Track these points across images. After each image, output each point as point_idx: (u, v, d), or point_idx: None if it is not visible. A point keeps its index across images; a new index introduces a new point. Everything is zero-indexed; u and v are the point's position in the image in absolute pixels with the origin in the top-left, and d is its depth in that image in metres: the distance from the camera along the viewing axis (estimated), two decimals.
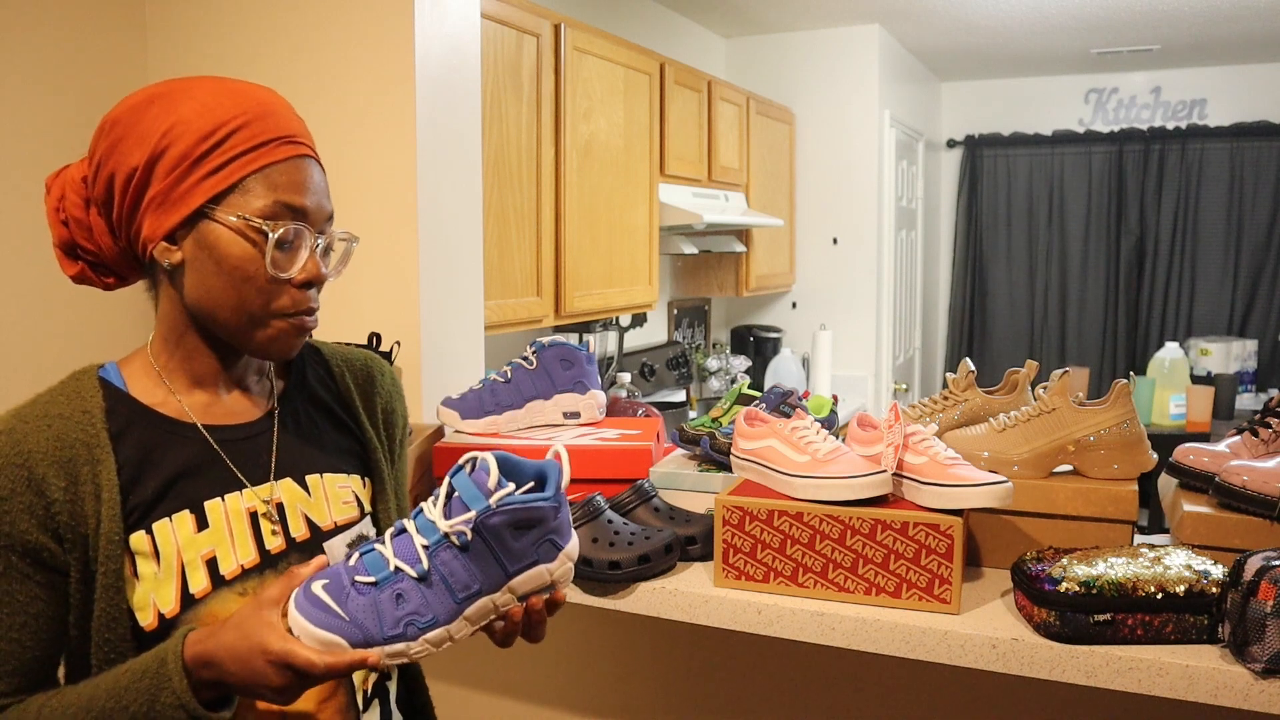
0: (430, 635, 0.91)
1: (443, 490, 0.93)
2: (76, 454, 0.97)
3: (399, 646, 0.90)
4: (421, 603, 0.91)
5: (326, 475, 1.10)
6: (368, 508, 1.14)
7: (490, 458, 0.93)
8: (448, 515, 0.92)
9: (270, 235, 0.97)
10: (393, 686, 1.15)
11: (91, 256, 1.05)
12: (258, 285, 0.99)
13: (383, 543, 0.94)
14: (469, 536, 0.91)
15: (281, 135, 1.00)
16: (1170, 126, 5.63)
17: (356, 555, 0.94)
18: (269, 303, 1.00)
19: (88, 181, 1.02)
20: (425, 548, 0.92)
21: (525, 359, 1.87)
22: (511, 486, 0.92)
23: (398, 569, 0.91)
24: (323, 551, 1.06)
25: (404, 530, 0.94)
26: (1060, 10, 4.28)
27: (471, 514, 0.90)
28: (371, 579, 0.91)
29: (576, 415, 1.86)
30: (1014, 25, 4.56)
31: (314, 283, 1.02)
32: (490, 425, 1.82)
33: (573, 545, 0.97)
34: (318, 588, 0.91)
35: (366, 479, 1.15)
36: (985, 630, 1.21)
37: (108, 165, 0.99)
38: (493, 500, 0.91)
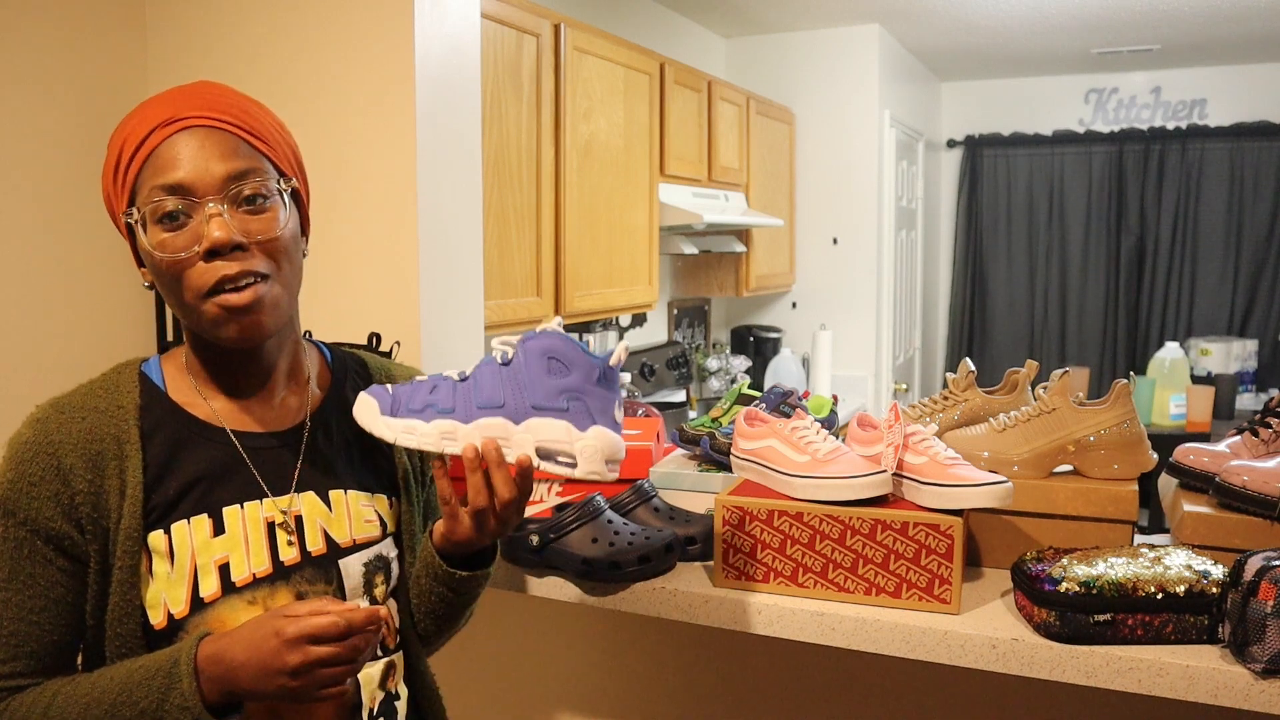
0: (442, 423, 0.99)
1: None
2: (106, 448, 0.98)
3: (412, 421, 1.00)
4: (448, 396, 1.01)
5: (351, 492, 1.09)
6: (391, 528, 1.13)
7: (558, 319, 1.06)
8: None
9: (137, 223, 0.97)
10: (401, 706, 1.13)
11: None
12: (173, 273, 0.97)
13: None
14: (510, 354, 1.01)
15: (159, 121, 0.98)
16: (1170, 126, 5.63)
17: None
18: (193, 286, 0.96)
19: None
20: (478, 365, 1.03)
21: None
22: (561, 330, 1.02)
23: (447, 375, 1.04)
24: (338, 567, 1.06)
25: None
26: (1060, 10, 4.28)
27: (519, 336, 1.03)
28: (424, 376, 1.05)
29: None
30: (1014, 25, 4.56)
31: (218, 249, 0.95)
32: None
33: (609, 438, 1.00)
34: (389, 385, 1.06)
35: (393, 498, 1.14)
36: (985, 630, 1.21)
37: None
38: (540, 328, 1.02)
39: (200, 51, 2.09)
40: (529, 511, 1.61)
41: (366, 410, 1.03)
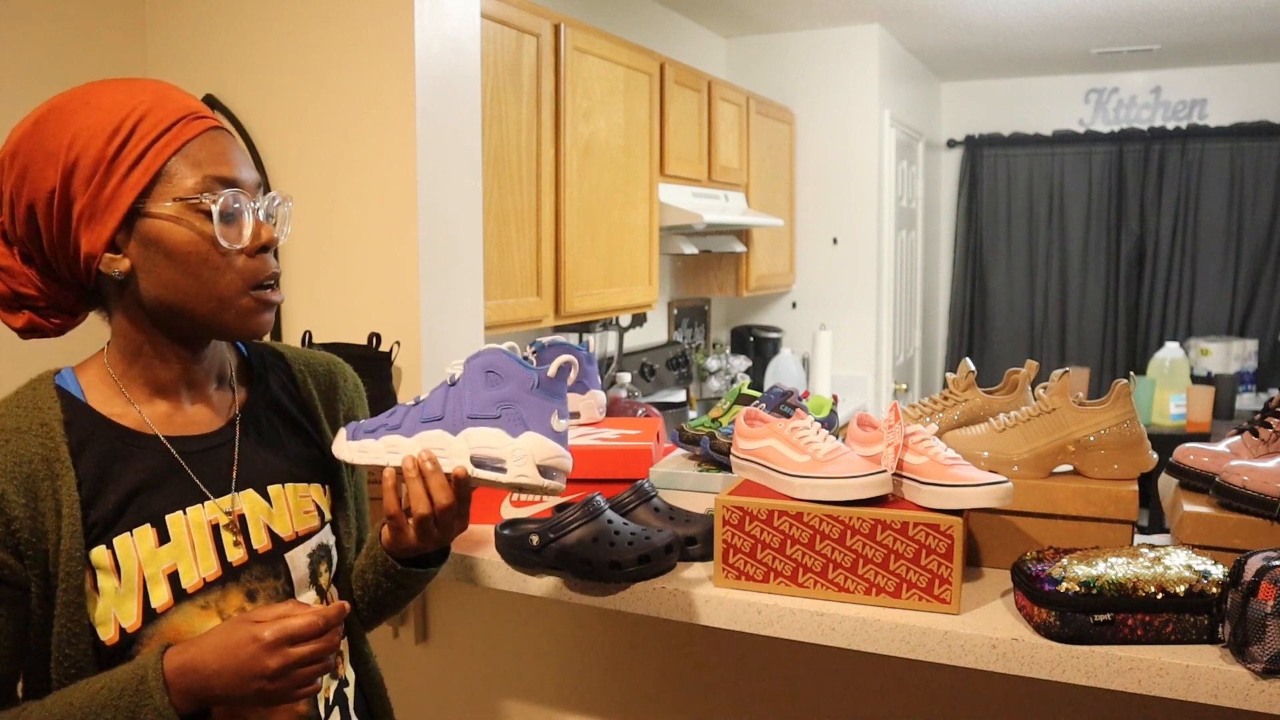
0: (389, 438, 1.07)
1: None
2: (36, 470, 0.95)
3: (365, 441, 1.09)
4: (399, 416, 1.09)
5: (289, 485, 1.09)
6: (328, 515, 1.13)
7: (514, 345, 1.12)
8: None
9: (213, 209, 0.95)
10: (350, 691, 1.14)
11: (34, 301, 1.01)
12: (214, 265, 0.96)
13: None
14: (457, 375, 1.09)
15: (187, 113, 0.97)
16: (1170, 126, 5.63)
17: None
18: (230, 279, 0.98)
19: (6, 224, 0.98)
20: (435, 389, 1.10)
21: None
22: (510, 350, 1.09)
23: (414, 402, 1.11)
24: (284, 562, 1.06)
25: None
26: (1060, 10, 4.28)
27: (465, 359, 1.10)
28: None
29: (576, 415, 1.86)
30: (1014, 25, 4.56)
31: (267, 247, 1.00)
32: None
33: (542, 443, 1.05)
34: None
35: (326, 486, 1.14)
36: (985, 630, 1.21)
37: (22, 198, 0.95)
38: (483, 347, 1.09)
39: (199, 52, 2.09)
40: (529, 511, 1.61)
41: (337, 441, 1.12)
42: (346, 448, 1.10)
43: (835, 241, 4.74)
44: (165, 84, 1.01)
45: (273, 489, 1.08)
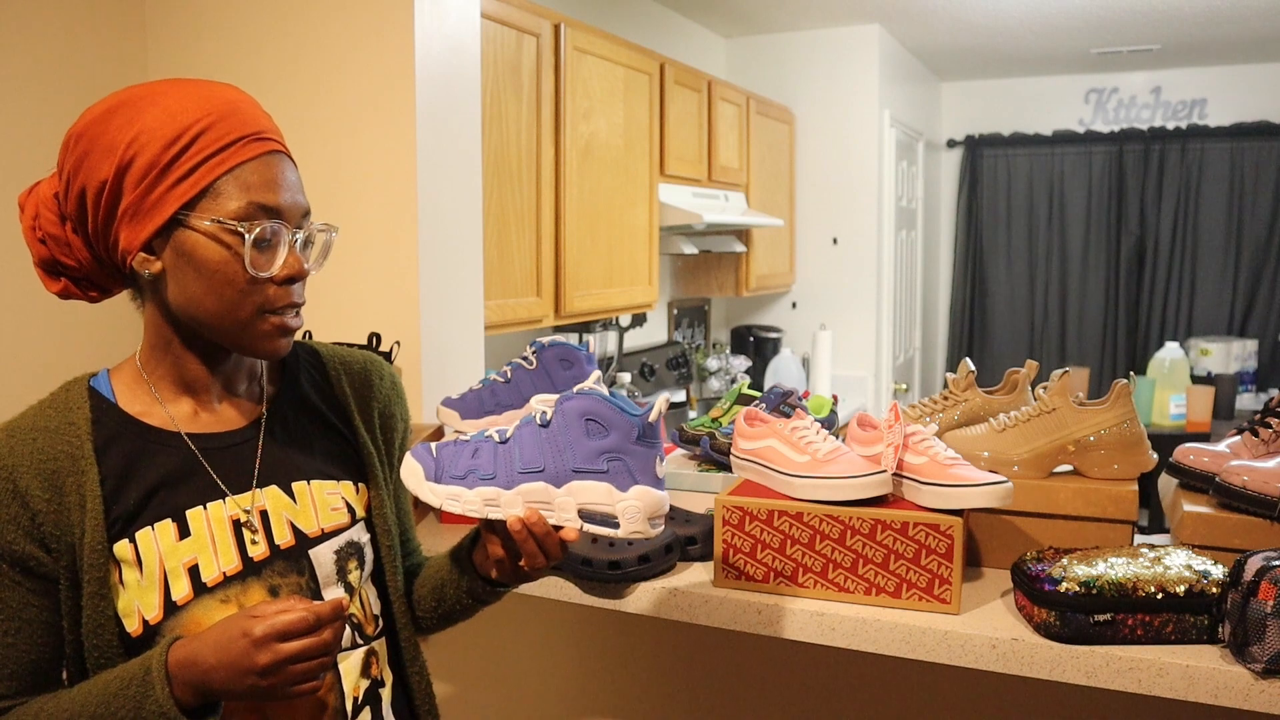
0: (485, 490, 1.00)
1: None
2: (61, 466, 0.99)
3: (456, 488, 1.02)
4: (490, 461, 1.02)
5: (314, 482, 1.09)
6: (360, 513, 1.13)
7: (598, 373, 1.08)
8: None
9: (246, 236, 0.96)
10: (385, 692, 1.13)
11: (73, 272, 1.04)
12: (239, 287, 0.98)
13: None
14: (549, 415, 1.01)
15: (248, 133, 0.99)
16: (1170, 126, 5.63)
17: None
18: (253, 303, 0.99)
19: (59, 197, 1.02)
20: (518, 426, 1.03)
21: (525, 359, 1.87)
22: (603, 388, 1.00)
23: (489, 435, 1.05)
24: (308, 558, 1.06)
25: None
26: (1060, 10, 4.28)
27: (557, 396, 1.03)
28: (467, 437, 1.06)
29: None
30: (1014, 25, 4.56)
31: (295, 278, 1.01)
32: (490, 425, 1.81)
33: (651, 496, 1.00)
34: (433, 444, 1.06)
35: (360, 484, 1.14)
36: (985, 630, 1.21)
37: (77, 180, 0.98)
38: (578, 388, 1.01)
39: (199, 51, 2.09)
40: None
41: (412, 475, 1.06)
42: (430, 490, 1.03)
43: (835, 241, 4.74)
44: (240, 96, 1.02)
45: (297, 485, 1.08)
